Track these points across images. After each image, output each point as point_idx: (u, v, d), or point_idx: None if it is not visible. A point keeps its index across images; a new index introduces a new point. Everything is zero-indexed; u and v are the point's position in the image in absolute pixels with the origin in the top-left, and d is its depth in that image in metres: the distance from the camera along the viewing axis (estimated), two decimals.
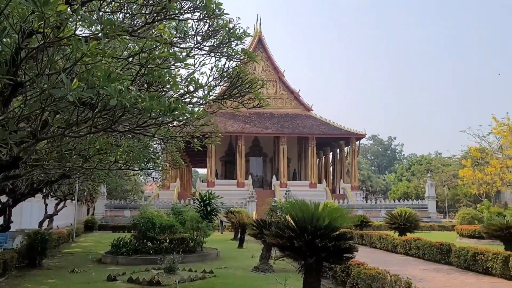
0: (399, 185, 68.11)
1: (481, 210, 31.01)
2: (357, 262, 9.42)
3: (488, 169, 41.82)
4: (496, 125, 43.14)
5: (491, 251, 11.50)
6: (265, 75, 49.44)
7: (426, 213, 41.15)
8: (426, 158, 76.84)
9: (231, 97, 9.88)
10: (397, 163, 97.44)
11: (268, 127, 46.89)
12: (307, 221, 7.07)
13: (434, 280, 10.66)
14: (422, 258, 14.95)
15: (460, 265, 12.64)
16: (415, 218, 20.95)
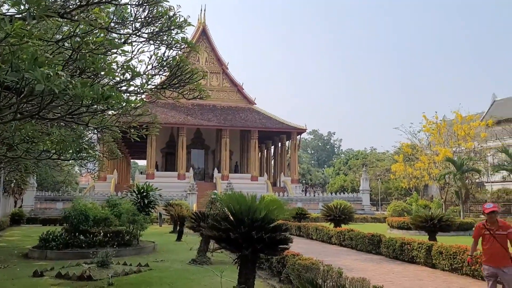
0: (337, 179, 70.70)
1: (410, 203, 33.07)
2: (292, 253, 9.64)
3: (418, 165, 44.52)
4: (426, 123, 46.02)
5: (416, 241, 12.26)
6: (209, 67, 48.97)
7: (360, 205, 43.09)
8: (362, 153, 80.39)
9: (170, 87, 9.64)
10: (336, 158, 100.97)
11: (210, 119, 46.59)
12: (244, 213, 7.12)
13: (364, 269, 11.17)
14: (355, 248, 15.61)
15: (389, 255, 13.34)
16: (349, 210, 21.84)
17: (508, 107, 57.56)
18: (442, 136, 44.61)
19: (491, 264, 6.24)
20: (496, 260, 6.18)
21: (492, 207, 6.45)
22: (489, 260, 6.27)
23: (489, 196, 42.61)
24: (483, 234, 6.41)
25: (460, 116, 43.86)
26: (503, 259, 6.14)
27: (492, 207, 6.43)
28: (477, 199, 42.94)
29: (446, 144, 44.06)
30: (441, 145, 44.18)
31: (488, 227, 6.36)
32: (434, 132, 45.19)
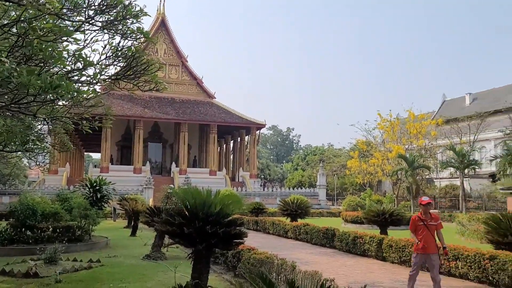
0: (295, 174, 71.72)
1: (364, 198, 34.09)
2: (248, 248, 9.68)
3: (372, 161, 46.02)
4: (380, 121, 47.61)
5: (368, 235, 12.65)
6: (168, 59, 48.09)
7: (317, 200, 43.96)
8: (320, 149, 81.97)
9: (125, 78, 9.35)
10: (294, 153, 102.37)
11: (169, 112, 45.82)
12: (198, 208, 7.04)
13: (318, 262, 11.40)
14: (310, 242, 15.89)
15: (343, 248, 13.69)
16: (306, 205, 22.21)
17: (456, 107, 60.59)
18: (395, 134, 46.32)
19: (422, 251, 6.97)
20: (427, 248, 6.91)
21: (428, 200, 7.25)
22: (423, 248, 6.97)
23: (437, 192, 44.72)
24: (417, 225, 7.08)
25: (413, 115, 45.71)
26: (433, 247, 6.96)
27: (428, 200, 7.24)
28: (427, 194, 44.90)
29: (399, 142, 45.79)
30: (394, 142, 45.87)
31: (422, 218, 7.07)
32: (388, 129, 46.84)
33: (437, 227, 7.10)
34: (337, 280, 8.66)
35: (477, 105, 56.51)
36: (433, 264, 6.88)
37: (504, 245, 9.51)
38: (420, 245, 7.01)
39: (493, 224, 10.03)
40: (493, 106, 51.92)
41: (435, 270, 6.87)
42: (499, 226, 9.80)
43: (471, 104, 59.36)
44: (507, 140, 38.31)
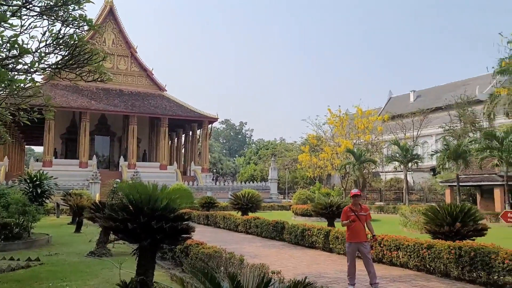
0: (247, 168, 72.04)
1: (313, 191, 34.85)
2: (196, 242, 9.57)
3: (322, 155, 47.15)
4: (330, 116, 48.83)
5: (316, 228, 12.91)
6: (116, 49, 46.52)
7: (268, 194, 44.43)
8: (272, 143, 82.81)
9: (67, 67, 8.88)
10: (247, 147, 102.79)
11: (117, 104, 44.34)
12: (144, 203, 6.85)
13: (267, 255, 11.50)
14: (260, 235, 16.00)
15: (291, 241, 13.90)
16: (257, 199, 22.35)
17: (401, 104, 63.31)
18: (344, 129, 47.73)
19: (355, 240, 7.44)
20: (359, 236, 7.43)
21: (357, 191, 7.78)
22: (354, 237, 7.46)
23: (383, 185, 46.63)
24: (349, 216, 7.48)
25: (361, 111, 47.29)
26: (363, 235, 7.48)
27: (357, 191, 7.78)
28: (373, 187, 46.75)
29: (348, 137, 47.24)
30: (343, 137, 47.26)
31: (353, 209, 7.53)
32: (337, 124, 48.17)
33: (367, 218, 7.62)
34: (285, 272, 8.82)
35: (420, 102, 59.33)
36: (364, 252, 7.34)
37: (440, 235, 10.04)
38: (351, 234, 7.50)
39: (431, 215, 10.56)
40: (434, 103, 54.74)
41: (368, 255, 7.37)
42: (436, 217, 10.34)
43: (415, 101, 62.21)
44: (447, 136, 40.53)
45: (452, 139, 37.71)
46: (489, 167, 28.36)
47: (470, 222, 9.99)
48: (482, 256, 7.67)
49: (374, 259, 10.06)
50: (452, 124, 45.57)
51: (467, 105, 45.50)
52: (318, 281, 8.19)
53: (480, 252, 7.74)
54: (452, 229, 9.93)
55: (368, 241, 7.60)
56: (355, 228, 7.44)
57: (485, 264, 7.60)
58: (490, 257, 7.54)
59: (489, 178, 27.73)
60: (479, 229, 10.10)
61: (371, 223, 7.99)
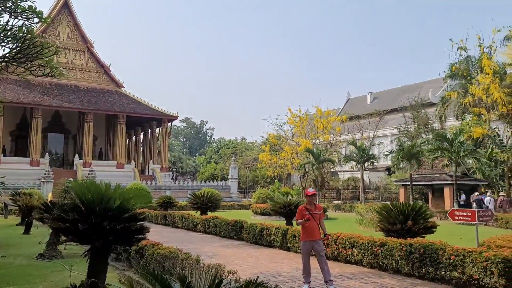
0: (208, 167, 71.55)
1: (273, 190, 35.09)
2: (152, 243, 9.38)
3: (282, 155, 47.62)
4: (290, 116, 49.40)
5: (274, 226, 12.99)
6: (71, 44, 44.88)
7: (229, 193, 44.34)
8: (233, 142, 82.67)
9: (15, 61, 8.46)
10: (208, 146, 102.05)
11: (72, 101, 42.72)
12: (96, 203, 6.61)
13: (225, 255, 11.45)
14: (219, 235, 15.93)
15: (250, 240, 13.92)
16: (216, 198, 22.20)
17: (359, 105, 65.06)
18: (304, 129, 48.44)
19: (309, 238, 7.53)
20: (313, 235, 7.54)
21: (313, 191, 7.93)
22: (309, 235, 7.56)
23: (341, 184, 47.72)
24: (304, 215, 7.56)
25: (320, 111, 48.16)
26: (317, 234, 7.60)
27: (313, 191, 7.91)
28: (332, 186, 47.76)
29: (307, 136, 47.99)
30: (303, 136, 47.95)
31: (308, 208, 7.62)
32: (297, 124, 48.81)
33: (320, 216, 7.76)
34: (242, 271, 8.81)
35: (377, 103, 61.18)
36: (318, 250, 7.46)
37: (393, 233, 10.36)
38: (306, 233, 7.59)
39: (384, 213, 10.88)
40: (390, 105, 56.63)
41: (322, 253, 7.49)
42: (389, 215, 10.66)
43: (372, 103, 64.07)
44: (401, 137, 42.08)
45: (406, 140, 39.19)
46: (440, 167, 29.66)
47: (420, 220, 10.37)
48: (431, 253, 7.98)
49: (330, 257, 10.26)
50: (406, 126, 47.33)
51: (420, 107, 47.41)
52: (275, 279, 8.25)
53: (429, 249, 8.05)
54: (404, 227, 10.27)
55: (322, 240, 7.74)
56: (309, 227, 7.54)
57: (433, 260, 7.92)
58: (438, 253, 7.87)
59: (440, 177, 28.97)
60: (428, 226, 10.50)
61: (324, 222, 8.13)
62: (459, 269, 7.48)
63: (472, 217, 9.78)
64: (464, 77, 37.49)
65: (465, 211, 10.36)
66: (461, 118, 38.41)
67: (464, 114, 38.32)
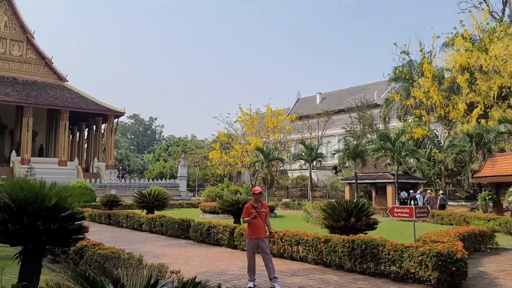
0: (156, 165, 70.07)
1: (222, 188, 34.94)
2: (93, 243, 9.01)
3: (232, 153, 47.61)
4: (241, 115, 49.51)
5: (222, 225, 12.90)
6: (10, 33, 42.23)
7: (177, 191, 43.66)
8: (183, 140, 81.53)
9: None
10: (157, 144, 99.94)
11: (9, 94, 40.15)
12: (29, 202, 6.22)
13: (170, 254, 11.22)
14: (166, 234, 15.59)
15: (197, 239, 13.74)
16: (163, 197, 21.73)
17: (308, 105, 66.36)
18: (254, 127, 48.73)
19: (255, 236, 7.54)
20: (259, 233, 7.54)
21: (260, 189, 7.87)
22: (254, 233, 7.56)
23: (290, 182, 48.48)
24: (250, 213, 7.57)
25: (270, 110, 48.63)
26: (263, 232, 7.62)
27: (260, 190, 7.86)
28: (281, 184, 48.42)
29: (258, 135, 48.31)
30: (253, 135, 48.22)
31: (255, 206, 7.63)
32: (248, 123, 49.01)
33: (266, 214, 7.78)
34: (187, 270, 8.67)
35: (325, 104, 62.72)
36: (263, 247, 7.47)
37: (337, 229, 10.63)
38: (252, 231, 7.58)
39: (329, 210, 11.15)
40: (338, 105, 58.29)
41: (267, 251, 7.49)
42: (334, 212, 10.94)
43: (321, 103, 65.61)
44: (347, 137, 43.37)
45: (352, 140, 40.49)
46: (383, 166, 30.93)
47: (363, 217, 10.71)
48: (372, 249, 8.26)
49: (276, 254, 10.34)
50: (352, 126, 48.93)
51: (366, 108, 49.20)
52: (220, 278, 8.18)
53: (370, 245, 8.32)
54: (347, 224, 10.56)
55: (267, 237, 7.76)
56: (255, 225, 7.54)
57: (374, 256, 8.20)
58: (378, 249, 8.15)
59: (383, 176, 30.21)
60: (370, 223, 10.88)
61: (270, 220, 8.15)
62: (397, 263, 7.79)
63: (410, 213, 10.24)
64: (406, 80, 39.34)
65: (404, 208, 10.82)
66: (403, 119, 40.29)
67: (406, 116, 40.24)
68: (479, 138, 28.03)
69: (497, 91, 31.32)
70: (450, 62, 34.30)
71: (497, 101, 31.77)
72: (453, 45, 35.01)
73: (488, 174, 23.97)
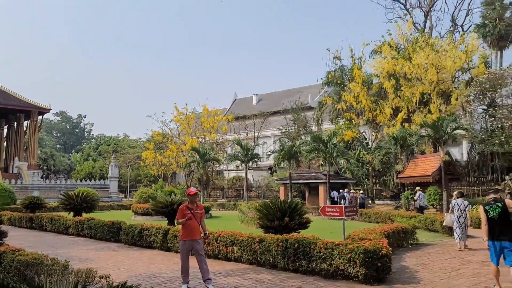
0: (85, 165, 66.73)
1: (156, 189, 34.04)
2: (12, 249, 8.35)
3: (167, 153, 46.59)
4: (177, 114, 48.60)
5: (155, 227, 12.55)
6: None
7: (108, 193, 41.90)
8: (115, 139, 78.36)
9: None
10: (86, 142, 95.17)
11: None
12: None
13: (99, 258, 10.72)
14: (94, 237, 14.90)
15: (128, 242, 13.27)
16: (92, 198, 20.69)
17: (245, 106, 66.83)
18: (190, 127, 48.07)
19: (189, 238, 7.42)
20: (194, 234, 7.42)
21: (195, 190, 7.76)
22: (189, 235, 7.44)
23: (226, 182, 48.43)
24: (185, 214, 7.45)
25: (207, 110, 48.29)
26: (198, 233, 7.50)
27: (195, 190, 7.74)
28: (217, 185, 48.21)
29: (194, 135, 47.71)
30: (189, 135, 47.54)
31: (190, 207, 7.53)
32: (184, 122, 48.25)
33: (201, 216, 7.70)
34: (117, 274, 8.33)
35: (262, 105, 63.54)
36: (198, 249, 7.38)
37: (271, 229, 10.78)
38: (186, 232, 7.45)
39: (264, 210, 11.27)
40: (274, 107, 59.32)
41: (201, 252, 7.40)
42: (268, 212, 11.08)
43: (257, 104, 66.36)
44: (283, 138, 44.28)
45: (287, 141, 41.35)
46: (316, 166, 31.96)
47: (296, 216, 10.97)
48: (304, 247, 8.47)
49: (211, 255, 10.27)
50: (288, 127, 50.04)
51: (300, 110, 50.57)
52: (152, 281, 7.95)
53: (302, 244, 8.53)
54: (281, 223, 10.75)
55: (202, 239, 7.68)
56: (190, 226, 7.42)
57: (306, 254, 8.42)
58: (310, 247, 8.38)
59: (316, 176, 31.21)
60: (303, 222, 11.17)
61: (204, 221, 8.05)
62: (328, 261, 8.06)
63: (340, 212, 10.65)
64: (338, 85, 41.04)
65: (335, 207, 11.23)
66: (335, 122, 41.97)
67: (337, 118, 41.95)
68: (403, 140, 29.95)
69: (419, 97, 33.76)
70: (378, 68, 36.41)
71: (419, 106, 34.19)
72: (381, 53, 37.18)
73: (410, 174, 25.67)
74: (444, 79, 33.42)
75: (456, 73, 34.51)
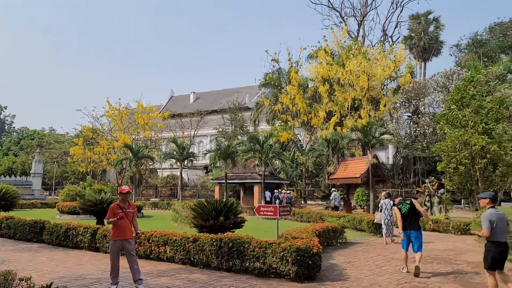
0: (4, 160, 61.94)
1: (84, 187, 32.47)
2: None
3: (97, 149, 44.50)
4: (109, 109, 46.60)
5: (82, 226, 11.93)
6: None
7: (30, 190, 39.22)
8: (39, 133, 73.44)
9: None
10: (5, 136, 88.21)
11: None
12: None
13: (19, 260, 9.98)
14: (14, 238, 13.86)
15: (53, 242, 12.51)
16: (12, 196, 19.30)
17: (182, 103, 65.78)
18: (123, 123, 46.33)
19: (120, 237, 7.19)
20: (125, 234, 7.19)
21: (128, 188, 7.51)
22: (120, 234, 7.21)
23: (160, 181, 47.31)
24: (116, 213, 7.22)
25: (142, 106, 46.84)
26: (129, 233, 7.27)
27: (128, 189, 7.50)
28: (150, 183, 46.94)
29: (127, 131, 46.04)
30: (121, 131, 45.78)
31: (121, 206, 7.31)
32: (116, 118, 46.38)
33: (134, 215, 7.48)
34: (40, 277, 7.83)
35: (199, 103, 62.94)
36: (129, 249, 7.16)
37: (206, 228, 10.72)
38: (117, 231, 7.21)
39: (198, 210, 11.18)
40: (211, 106, 59.03)
41: (133, 252, 7.20)
42: (203, 211, 11.00)
43: (194, 102, 65.63)
44: (219, 137, 44.19)
45: (224, 140, 41.36)
46: (252, 166, 32.26)
47: (231, 215, 11.00)
48: (238, 246, 8.51)
49: (142, 256, 9.97)
50: (225, 127, 50.03)
51: (238, 110, 50.81)
52: (79, 283, 7.57)
53: (236, 243, 8.56)
54: (216, 223, 10.72)
55: (133, 238, 7.43)
56: (121, 226, 7.18)
57: (240, 253, 8.46)
58: (244, 246, 8.43)
59: (251, 176, 31.48)
60: (238, 222, 11.23)
61: (136, 220, 7.78)
62: (261, 259, 8.17)
63: (275, 212, 10.84)
64: (275, 86, 41.83)
65: (269, 207, 11.41)
66: (271, 123, 42.71)
67: (274, 120, 42.74)
68: (335, 143, 31.21)
69: (351, 102, 35.40)
70: (313, 73, 37.65)
71: (350, 111, 35.85)
72: (317, 58, 38.47)
73: (340, 176, 26.80)
74: (374, 86, 35.31)
75: (385, 81, 36.66)
